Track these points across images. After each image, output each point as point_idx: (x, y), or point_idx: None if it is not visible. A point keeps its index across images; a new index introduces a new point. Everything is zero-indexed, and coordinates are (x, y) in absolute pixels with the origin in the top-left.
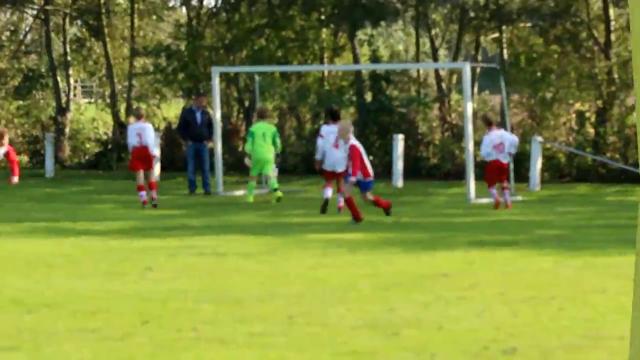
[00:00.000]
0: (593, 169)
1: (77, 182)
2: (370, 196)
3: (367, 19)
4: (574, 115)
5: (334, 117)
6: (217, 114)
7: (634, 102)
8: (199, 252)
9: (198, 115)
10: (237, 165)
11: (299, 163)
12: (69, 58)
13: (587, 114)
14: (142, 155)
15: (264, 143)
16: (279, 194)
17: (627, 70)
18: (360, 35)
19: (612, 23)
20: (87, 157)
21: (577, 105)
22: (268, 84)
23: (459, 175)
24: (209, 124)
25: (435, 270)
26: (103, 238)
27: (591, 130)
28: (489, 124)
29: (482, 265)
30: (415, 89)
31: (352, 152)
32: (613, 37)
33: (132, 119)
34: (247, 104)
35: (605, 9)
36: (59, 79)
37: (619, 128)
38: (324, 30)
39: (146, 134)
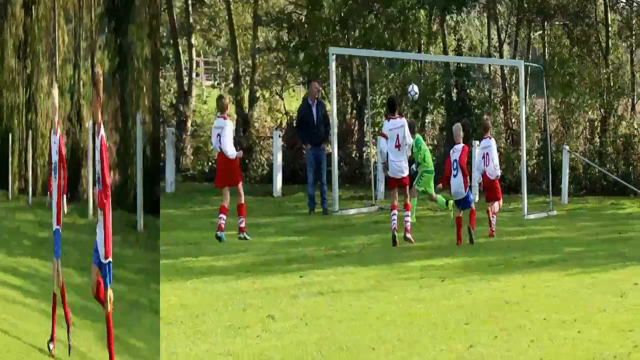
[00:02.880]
0: (599, 181)
1: (199, 200)
2: None
3: (453, 3)
4: (587, 124)
5: (391, 109)
6: (333, 106)
7: (623, 111)
8: (318, 292)
9: (314, 110)
10: (353, 177)
11: None
12: (190, 20)
13: (595, 123)
14: (225, 166)
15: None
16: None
17: (619, 79)
18: (450, 21)
19: (610, 28)
20: (211, 162)
21: (590, 113)
22: (376, 73)
23: (517, 188)
24: (325, 120)
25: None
26: (225, 278)
27: (597, 140)
28: (486, 129)
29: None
30: (487, 88)
31: None
32: (610, 42)
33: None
34: (359, 97)
35: (606, 12)
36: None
37: (613, 138)
38: (422, 12)
39: (223, 134)
